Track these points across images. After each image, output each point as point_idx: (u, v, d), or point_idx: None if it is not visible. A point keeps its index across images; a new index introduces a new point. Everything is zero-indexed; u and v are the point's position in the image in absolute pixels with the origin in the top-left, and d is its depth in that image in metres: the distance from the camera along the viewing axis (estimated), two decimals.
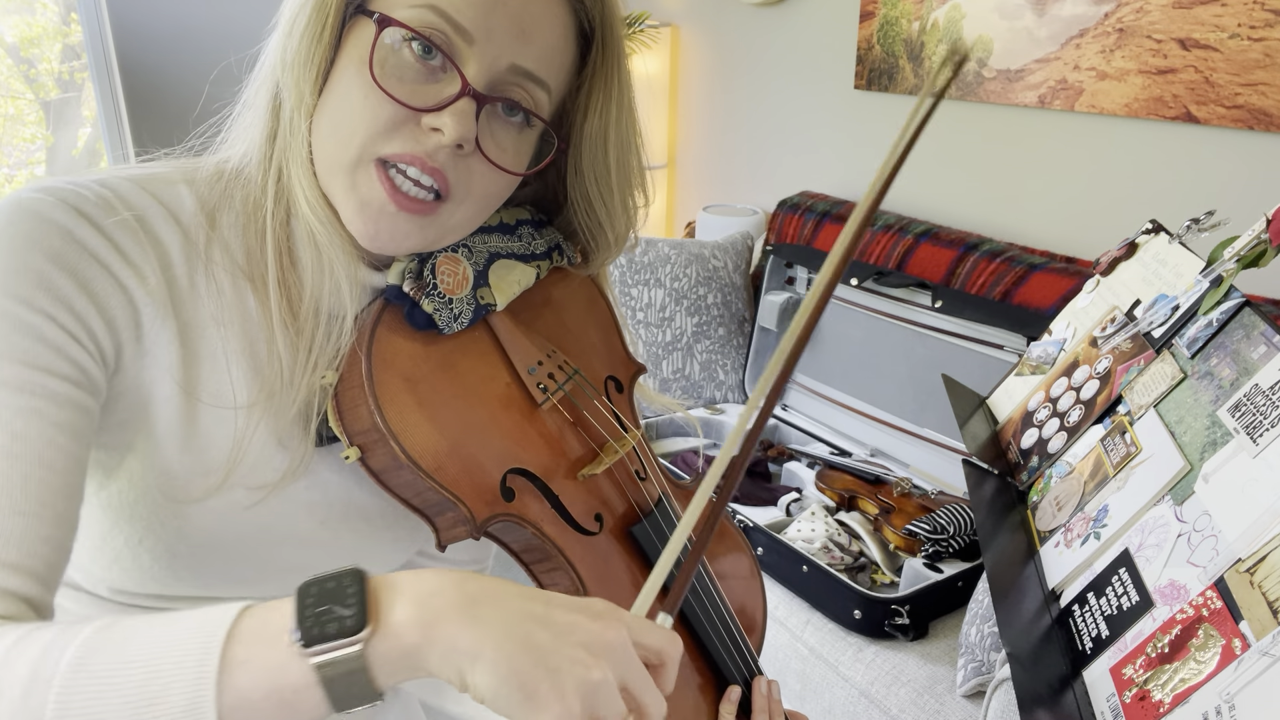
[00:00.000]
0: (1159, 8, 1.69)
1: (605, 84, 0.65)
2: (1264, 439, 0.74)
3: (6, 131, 2.56)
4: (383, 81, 0.56)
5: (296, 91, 0.59)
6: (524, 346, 0.69)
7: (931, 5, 2.09)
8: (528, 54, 0.59)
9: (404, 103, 0.57)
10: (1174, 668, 0.67)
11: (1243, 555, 0.68)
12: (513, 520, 0.64)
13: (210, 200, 0.62)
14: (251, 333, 0.62)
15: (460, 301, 0.65)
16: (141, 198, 0.59)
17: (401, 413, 0.60)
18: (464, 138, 0.57)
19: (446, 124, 0.56)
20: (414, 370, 0.62)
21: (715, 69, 2.71)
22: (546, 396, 0.69)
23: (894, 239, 2.04)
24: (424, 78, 0.58)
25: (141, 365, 0.58)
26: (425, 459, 0.60)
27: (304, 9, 0.58)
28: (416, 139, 0.57)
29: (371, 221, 0.59)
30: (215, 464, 0.60)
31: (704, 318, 2.24)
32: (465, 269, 0.66)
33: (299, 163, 0.60)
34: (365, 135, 0.57)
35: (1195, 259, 1.04)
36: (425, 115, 0.57)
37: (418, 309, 0.63)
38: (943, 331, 1.91)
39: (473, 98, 0.57)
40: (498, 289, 0.68)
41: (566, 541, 0.66)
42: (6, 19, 2.42)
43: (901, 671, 1.41)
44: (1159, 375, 0.96)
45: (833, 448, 2.06)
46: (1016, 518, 1.03)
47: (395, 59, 0.57)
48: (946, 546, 1.58)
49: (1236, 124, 1.63)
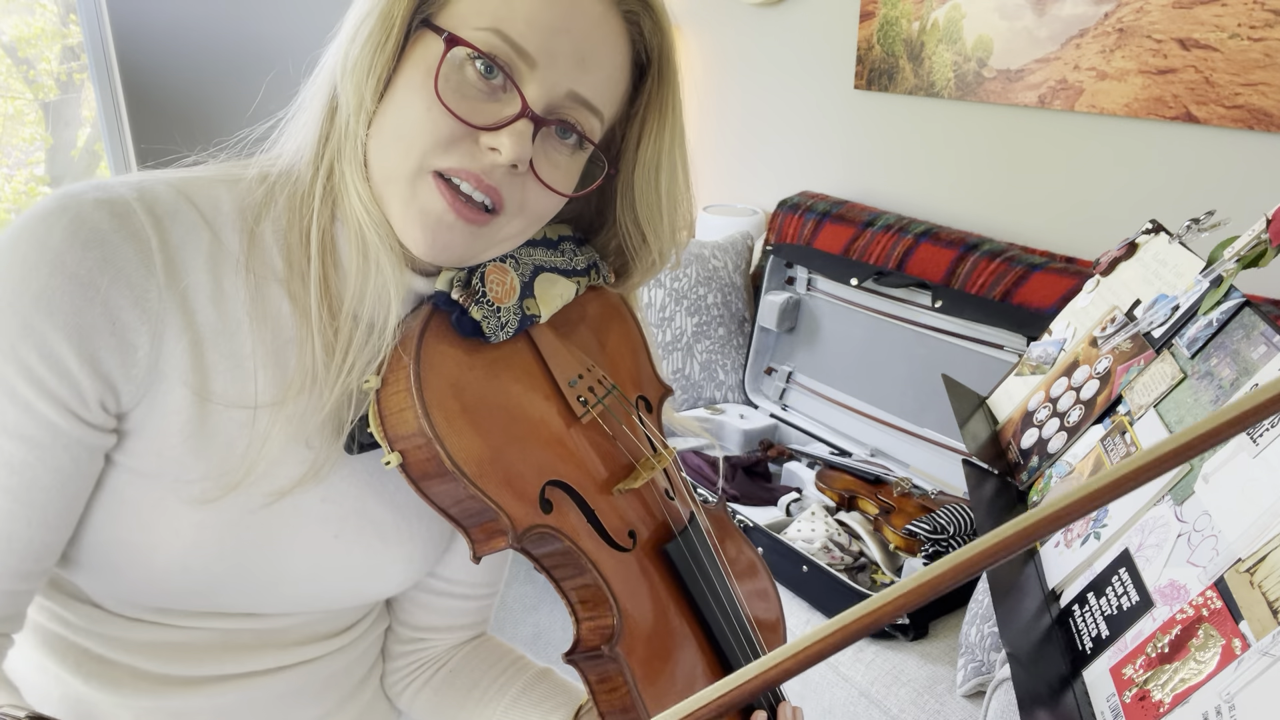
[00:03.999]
0: (1159, 8, 1.69)
1: (660, 114, 0.67)
2: (1264, 439, 0.74)
3: (6, 132, 2.56)
4: (445, 97, 0.57)
5: (357, 97, 0.59)
6: (565, 359, 0.69)
7: (931, 5, 2.09)
8: (586, 82, 0.60)
9: (465, 120, 0.57)
10: (1174, 668, 0.67)
11: (1243, 555, 0.68)
12: (550, 531, 0.63)
13: (252, 203, 0.63)
14: (284, 334, 0.62)
15: (507, 311, 0.65)
16: (173, 201, 0.59)
17: (448, 418, 0.60)
18: (520, 159, 0.58)
19: (504, 144, 0.57)
20: (460, 377, 0.62)
21: (715, 69, 2.71)
22: (586, 410, 0.69)
23: (894, 239, 2.04)
24: (485, 96, 0.59)
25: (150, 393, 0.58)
26: (470, 465, 0.60)
27: (369, 18, 0.59)
28: (474, 155, 0.58)
29: (430, 230, 0.59)
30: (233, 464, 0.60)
31: (704, 318, 2.24)
32: (513, 279, 0.66)
33: (354, 166, 0.61)
34: (425, 147, 0.58)
35: (1195, 259, 1.04)
36: (484, 134, 0.58)
37: (466, 316, 0.63)
38: (943, 331, 1.91)
39: (531, 120, 0.58)
40: (543, 301, 0.68)
41: (601, 556, 0.66)
42: (5, 19, 2.42)
43: (901, 671, 1.41)
44: (1159, 375, 0.96)
45: (833, 448, 2.06)
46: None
47: (458, 76, 0.58)
48: (946, 546, 1.58)
49: (1236, 124, 1.63)
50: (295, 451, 0.62)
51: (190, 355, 0.58)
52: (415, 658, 0.82)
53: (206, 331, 0.59)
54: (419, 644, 0.81)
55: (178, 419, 0.58)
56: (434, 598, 0.79)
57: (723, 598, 0.74)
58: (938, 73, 2.11)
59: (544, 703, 0.76)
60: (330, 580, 0.68)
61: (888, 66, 2.21)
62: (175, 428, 0.58)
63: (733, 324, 2.29)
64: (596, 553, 0.66)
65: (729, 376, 2.28)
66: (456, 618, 0.80)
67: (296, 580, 0.66)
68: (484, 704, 0.78)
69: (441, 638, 0.81)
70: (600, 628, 0.67)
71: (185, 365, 0.58)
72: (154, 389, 0.58)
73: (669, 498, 0.74)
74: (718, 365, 2.26)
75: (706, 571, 0.74)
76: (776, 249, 2.24)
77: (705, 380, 2.26)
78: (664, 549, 0.72)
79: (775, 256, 2.23)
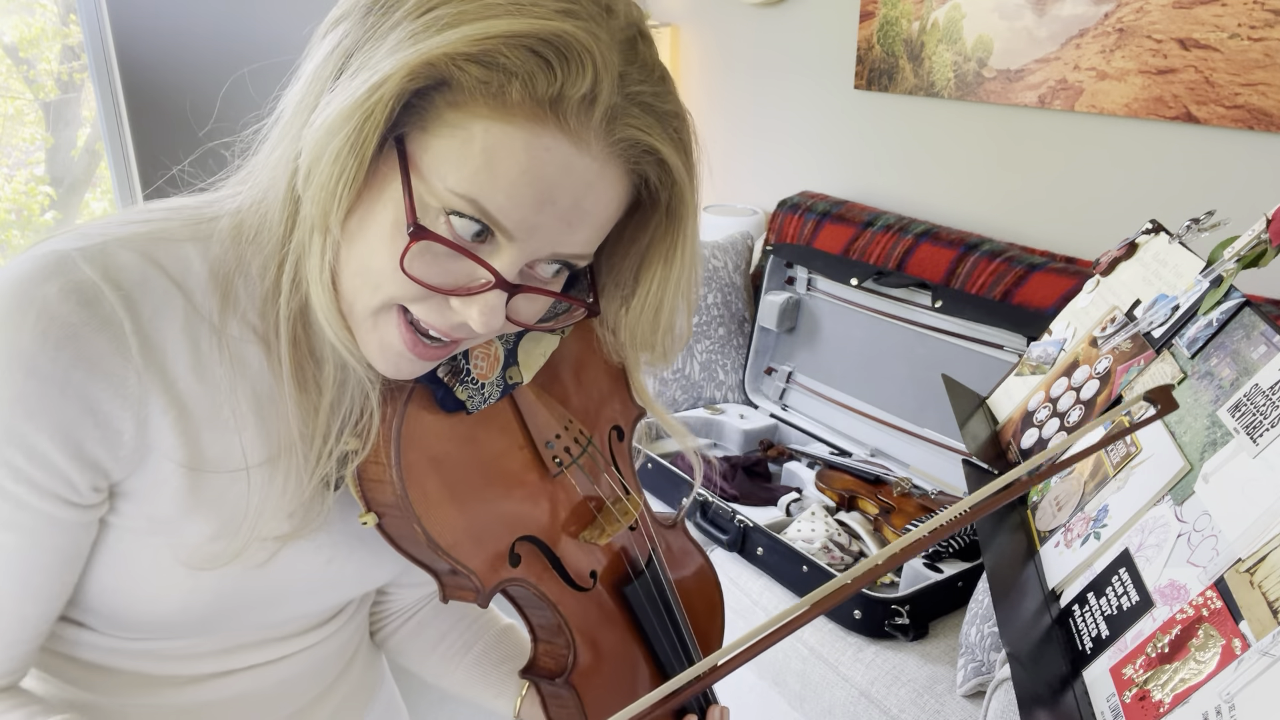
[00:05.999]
0: (1159, 8, 1.69)
1: (668, 251, 0.61)
2: (1264, 439, 0.74)
3: (5, 132, 2.56)
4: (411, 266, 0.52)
5: (322, 219, 0.53)
6: (544, 419, 0.69)
7: (931, 5, 2.09)
8: (572, 242, 0.55)
9: (429, 285, 0.53)
10: (1174, 668, 0.67)
11: (1243, 555, 0.68)
12: (516, 583, 0.67)
13: (225, 264, 0.60)
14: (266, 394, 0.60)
15: (491, 385, 0.65)
16: (140, 270, 0.56)
17: (425, 493, 0.61)
18: (490, 329, 0.55)
19: (473, 316, 0.54)
20: (440, 449, 0.62)
21: (715, 69, 2.71)
22: (560, 469, 0.70)
23: (894, 239, 2.04)
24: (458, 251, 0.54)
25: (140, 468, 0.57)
26: (444, 538, 0.61)
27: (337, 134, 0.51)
28: (443, 314, 0.55)
29: (391, 362, 0.57)
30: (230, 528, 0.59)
31: (704, 318, 2.24)
32: (497, 350, 0.65)
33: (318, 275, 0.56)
34: (390, 295, 0.54)
35: (1195, 259, 1.04)
36: (453, 299, 0.54)
37: (450, 394, 0.62)
38: (943, 331, 1.91)
39: (504, 289, 0.54)
40: (525, 365, 0.67)
41: (560, 596, 0.70)
42: (6, 19, 2.42)
43: (901, 671, 1.41)
44: (1159, 375, 0.96)
45: (833, 448, 2.06)
46: (1016, 518, 1.03)
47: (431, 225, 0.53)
48: (946, 546, 1.58)
49: (1236, 124, 1.63)
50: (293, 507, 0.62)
51: (176, 429, 0.57)
52: (383, 608, 0.85)
53: (190, 400, 0.57)
54: (386, 596, 0.85)
55: (169, 488, 0.58)
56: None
57: (672, 634, 0.78)
58: (938, 73, 2.11)
59: (504, 664, 0.81)
60: (327, 594, 0.70)
61: (888, 66, 2.21)
62: (167, 496, 0.58)
63: (733, 324, 2.29)
64: (559, 595, 0.69)
65: (729, 376, 2.28)
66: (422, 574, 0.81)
67: (294, 603, 0.67)
68: (448, 659, 0.83)
69: (407, 592, 0.84)
70: (555, 655, 0.72)
71: (172, 441, 0.57)
72: (144, 464, 0.57)
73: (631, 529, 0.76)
74: (718, 365, 2.26)
75: (660, 611, 0.77)
76: (776, 249, 2.24)
77: (705, 380, 2.26)
78: (623, 591, 0.75)
79: (775, 256, 2.23)
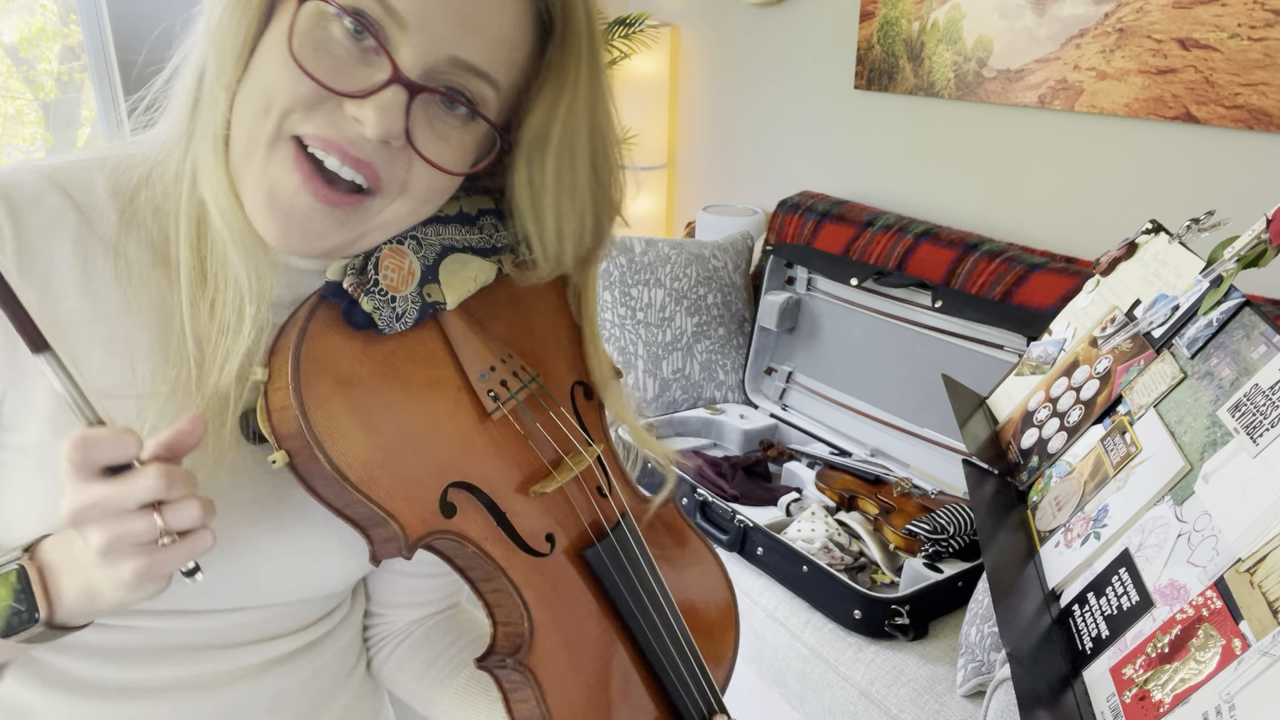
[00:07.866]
0: (1159, 8, 1.69)
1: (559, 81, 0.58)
2: (1264, 439, 0.74)
3: (5, 132, 2.56)
4: (302, 56, 0.51)
5: (218, 62, 0.53)
6: (476, 349, 0.63)
7: (931, 5, 2.09)
8: (471, 46, 0.53)
9: (323, 83, 0.51)
10: (1174, 668, 0.67)
11: (1243, 555, 0.68)
12: (451, 538, 0.60)
13: (127, 183, 0.58)
14: (165, 320, 0.58)
15: (404, 299, 0.59)
16: (37, 188, 0.56)
17: (330, 418, 0.55)
18: (389, 133, 0.52)
19: (368, 117, 0.51)
20: (350, 372, 0.57)
21: (715, 69, 2.71)
22: (497, 405, 0.63)
23: (894, 239, 2.04)
24: (354, 59, 0.53)
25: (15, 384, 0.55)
26: (354, 470, 0.55)
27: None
28: (336, 123, 0.52)
29: (281, 215, 0.53)
30: None
31: (704, 318, 2.24)
32: (412, 263, 0.60)
33: (211, 142, 0.54)
34: (281, 109, 0.52)
35: (1195, 259, 1.04)
36: (349, 101, 0.52)
37: (356, 307, 0.58)
38: (943, 331, 1.91)
39: (404, 86, 0.52)
40: (448, 286, 0.62)
41: (512, 563, 0.62)
42: (6, 19, 2.42)
43: (901, 671, 1.41)
44: (1159, 375, 0.96)
45: (833, 448, 2.06)
46: (1016, 518, 1.03)
47: (322, 33, 0.52)
48: (946, 546, 1.58)
49: (1236, 124, 1.63)
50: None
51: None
52: (376, 630, 0.80)
53: (74, 319, 0.56)
54: (378, 618, 0.80)
55: (45, 406, 0.56)
56: (394, 576, 0.77)
57: (649, 606, 0.69)
58: (938, 73, 2.11)
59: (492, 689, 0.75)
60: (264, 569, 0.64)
61: (888, 66, 2.21)
62: (45, 416, 0.56)
63: (733, 324, 2.29)
64: (506, 559, 0.62)
65: (729, 376, 2.28)
66: (417, 595, 0.78)
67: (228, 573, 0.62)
68: (439, 683, 0.77)
69: (401, 614, 0.79)
70: (511, 634, 0.64)
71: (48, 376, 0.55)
72: (19, 380, 0.55)
73: (601, 495, 0.69)
74: (718, 365, 2.26)
75: (630, 579, 0.68)
76: (776, 249, 2.24)
77: (705, 380, 2.26)
78: (582, 554, 0.67)
79: (775, 256, 2.23)
